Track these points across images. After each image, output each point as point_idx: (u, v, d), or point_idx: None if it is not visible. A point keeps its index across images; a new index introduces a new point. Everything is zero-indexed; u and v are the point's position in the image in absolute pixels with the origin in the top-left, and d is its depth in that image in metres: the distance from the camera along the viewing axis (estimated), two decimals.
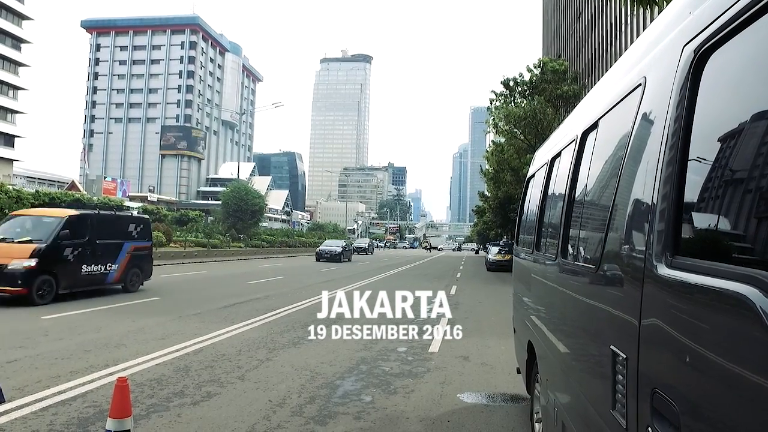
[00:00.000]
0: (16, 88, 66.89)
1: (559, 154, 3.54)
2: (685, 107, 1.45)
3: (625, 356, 1.67)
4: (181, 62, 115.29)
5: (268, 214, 68.09)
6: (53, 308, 10.30)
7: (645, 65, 1.92)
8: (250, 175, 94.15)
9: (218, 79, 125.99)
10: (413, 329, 9.65)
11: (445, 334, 9.22)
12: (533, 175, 4.99)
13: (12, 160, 66.54)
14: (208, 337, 7.98)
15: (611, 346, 1.79)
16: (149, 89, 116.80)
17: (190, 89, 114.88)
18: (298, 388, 5.54)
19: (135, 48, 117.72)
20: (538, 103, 28.93)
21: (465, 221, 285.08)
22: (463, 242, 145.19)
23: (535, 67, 30.30)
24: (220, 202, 45.39)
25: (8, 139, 65.41)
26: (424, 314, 11.82)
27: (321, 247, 39.17)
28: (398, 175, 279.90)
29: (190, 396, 5.13)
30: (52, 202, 38.28)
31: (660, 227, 1.48)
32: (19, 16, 66.54)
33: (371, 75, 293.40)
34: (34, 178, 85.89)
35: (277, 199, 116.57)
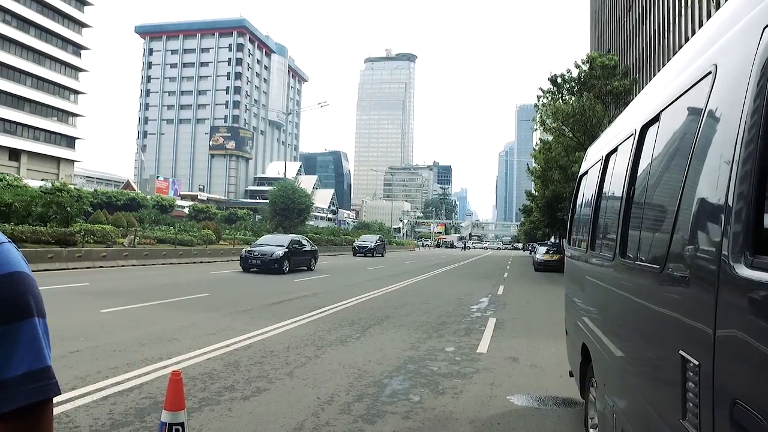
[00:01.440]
0: (76, 92, 69.92)
1: (615, 150, 3.42)
2: (765, 98, 1.34)
3: (697, 363, 1.57)
4: (229, 64, 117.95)
5: (315, 213, 68.97)
6: (109, 302, 10.68)
7: (715, 52, 1.80)
8: (297, 174, 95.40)
9: (265, 80, 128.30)
10: (461, 329, 9.58)
11: (493, 334, 9.11)
12: (586, 173, 4.84)
13: (73, 161, 69.60)
14: (257, 333, 8.12)
15: (680, 352, 1.70)
16: (199, 91, 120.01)
17: (237, 90, 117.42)
18: (346, 386, 5.56)
19: (185, 51, 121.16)
20: (586, 99, 28.19)
21: (512, 220, 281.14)
22: (510, 242, 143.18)
23: (583, 63, 29.54)
24: (267, 201, 46.18)
25: (69, 141, 68.46)
26: (471, 314, 11.72)
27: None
28: (443, 174, 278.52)
29: (240, 391, 5.21)
30: (109, 201, 39.95)
31: (737, 225, 1.39)
32: (79, 24, 69.53)
33: (415, 73, 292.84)
34: (93, 177, 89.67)
35: (323, 198, 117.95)
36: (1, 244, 0.83)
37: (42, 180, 43.44)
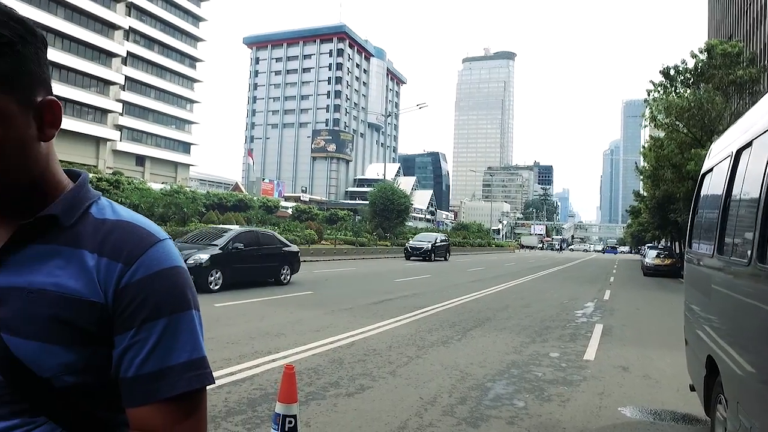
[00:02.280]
0: (192, 101, 75.21)
1: (749, 144, 3.12)
2: None
3: None
4: (330, 69, 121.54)
5: (413, 214, 69.33)
6: (224, 297, 11.34)
7: None
8: (396, 175, 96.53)
9: (364, 83, 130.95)
10: (565, 334, 9.21)
11: (600, 341, 8.68)
12: (710, 170, 4.47)
13: (188, 165, 74.94)
14: (359, 331, 8.28)
15: None
16: (301, 96, 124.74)
17: (338, 94, 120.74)
18: (449, 388, 5.52)
19: (288, 59, 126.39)
20: (704, 91, 26.09)
21: (617, 222, 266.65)
22: (616, 244, 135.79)
23: (700, 52, 27.32)
24: (366, 202, 47.06)
25: (185, 147, 73.79)
26: (576, 319, 11.24)
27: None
28: (544, 174, 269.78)
29: (344, 387, 5.34)
30: (220, 202, 42.57)
31: None
32: (195, 39, 74.77)
33: (515, 72, 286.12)
34: (205, 180, 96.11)
35: (421, 199, 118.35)
36: (164, 240, 0.88)
37: (162, 183, 47.10)
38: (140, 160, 65.36)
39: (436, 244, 33.32)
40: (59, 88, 53.26)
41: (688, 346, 4.69)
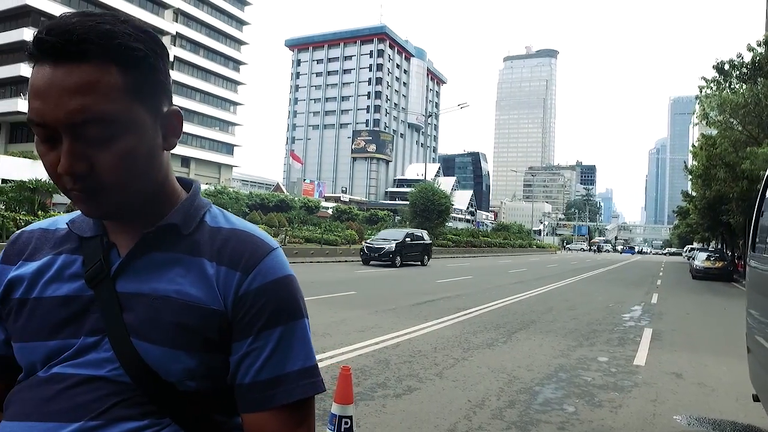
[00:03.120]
0: (235, 103, 76.76)
1: None
2: None
3: None
4: (370, 70, 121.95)
5: (453, 214, 68.95)
6: None
7: None
8: (436, 175, 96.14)
9: (404, 83, 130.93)
10: (613, 338, 9.01)
11: (650, 346, 8.45)
12: None
13: (231, 166, 76.49)
14: (404, 332, 8.29)
15: None
16: (342, 97, 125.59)
17: (378, 95, 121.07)
18: (497, 391, 5.48)
19: (329, 60, 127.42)
20: (762, 86, 24.99)
21: (663, 223, 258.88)
22: (661, 246, 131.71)
23: (759, 45, 26.18)
24: (406, 202, 47.03)
25: (229, 148, 75.36)
26: (623, 323, 10.97)
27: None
28: (587, 174, 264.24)
29: (392, 388, 5.36)
30: (262, 202, 43.31)
31: None
32: (238, 43, 76.28)
33: (557, 70, 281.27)
34: (247, 181, 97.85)
35: (461, 199, 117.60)
36: (276, 249, 0.91)
37: (206, 184, 48.24)
38: (185, 161, 67.09)
39: (406, 243, 25.42)
40: None
41: (750, 353, 4.52)
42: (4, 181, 26.24)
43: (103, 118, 0.74)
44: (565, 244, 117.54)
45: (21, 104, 47.94)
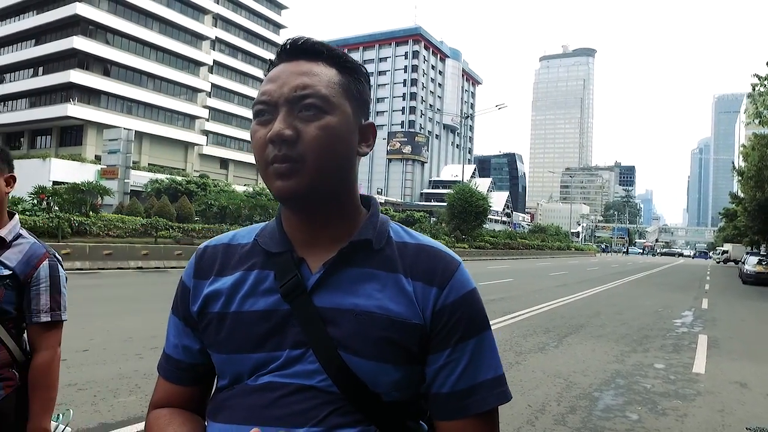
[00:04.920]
0: None
1: None
2: None
3: None
4: (405, 71, 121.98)
5: (490, 216, 68.42)
6: None
7: None
8: (471, 176, 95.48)
9: (439, 84, 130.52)
10: (667, 344, 8.80)
11: (708, 353, 8.21)
12: None
13: None
14: None
15: None
16: (377, 99, 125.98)
17: (413, 96, 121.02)
18: (556, 396, 5.41)
19: (364, 62, 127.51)
20: None
21: (706, 225, 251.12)
22: (705, 249, 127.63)
23: None
24: (442, 204, 46.87)
25: None
26: (675, 328, 10.70)
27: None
28: (626, 175, 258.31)
29: None
30: None
31: None
32: (275, 46, 77.12)
33: (594, 69, 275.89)
34: None
35: (497, 201, 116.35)
36: (461, 263, 0.95)
37: (244, 185, 49.00)
38: (224, 163, 68.32)
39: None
40: (154, 97, 56.73)
41: None
42: (55, 183, 27.24)
43: (318, 95, 0.85)
44: (604, 247, 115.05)
45: (71, 109, 49.66)
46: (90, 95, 51.96)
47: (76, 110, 50.00)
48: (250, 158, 71.96)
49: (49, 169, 37.35)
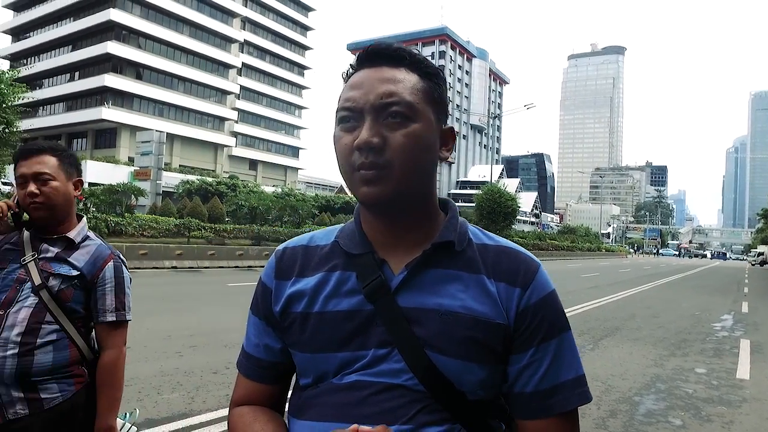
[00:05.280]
0: (300, 107, 78.41)
1: None
2: None
3: None
4: None
5: (518, 216, 67.83)
6: None
7: None
8: (499, 177, 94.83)
9: (466, 84, 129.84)
10: (707, 348, 8.60)
11: (751, 359, 7.99)
12: None
13: (297, 169, 78.17)
14: None
15: None
16: None
17: None
18: (595, 400, 5.33)
19: None
20: None
21: (743, 226, 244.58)
22: (742, 252, 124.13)
23: None
24: (470, 204, 46.58)
25: (294, 151, 77.05)
26: (715, 332, 10.45)
27: None
28: (658, 175, 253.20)
29: None
30: (327, 204, 44.03)
31: None
32: (303, 48, 77.93)
33: (624, 67, 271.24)
34: (311, 183, 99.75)
35: (525, 201, 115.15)
36: (540, 265, 0.96)
37: (273, 186, 49.47)
38: (253, 164, 69.09)
39: None
40: (185, 100, 57.73)
41: None
42: (91, 184, 27.90)
43: (404, 103, 0.86)
44: (636, 248, 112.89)
45: (105, 112, 50.89)
46: (123, 98, 53.15)
47: (110, 113, 51.21)
48: (279, 159, 72.77)
49: (85, 171, 38.27)
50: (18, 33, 62.47)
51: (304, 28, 78.36)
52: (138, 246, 16.93)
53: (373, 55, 0.91)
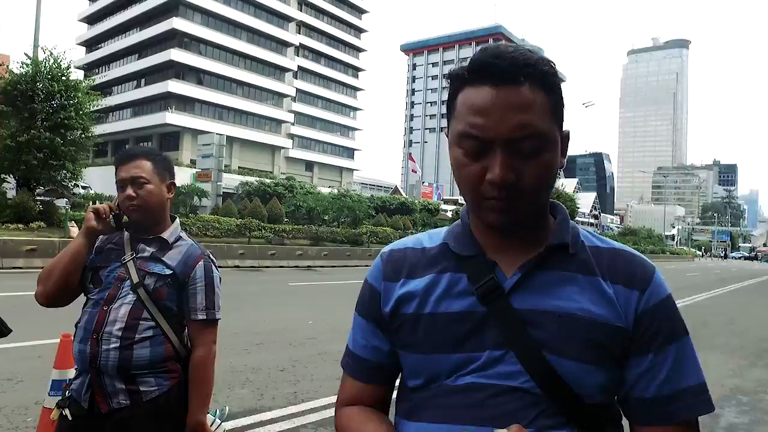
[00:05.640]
0: (355, 109, 79.17)
1: None
2: None
3: None
4: None
5: (577, 218, 66.02)
6: None
7: None
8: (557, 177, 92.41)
9: None
10: None
11: None
12: None
13: (352, 170, 78.95)
14: None
15: None
16: None
17: None
18: None
19: (444, 63, 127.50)
20: None
21: None
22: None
23: None
24: None
25: (349, 153, 77.86)
26: None
27: None
28: (726, 174, 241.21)
29: None
30: (383, 205, 44.22)
31: None
32: (357, 50, 78.71)
33: (689, 61, 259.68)
34: (366, 184, 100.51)
35: (584, 202, 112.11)
36: (656, 268, 0.93)
37: (329, 187, 50.09)
38: (309, 165, 70.25)
39: None
40: (243, 103, 59.36)
41: None
42: None
43: (538, 133, 0.83)
44: (704, 251, 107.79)
45: (168, 117, 53.02)
46: (185, 103, 55.21)
47: (173, 118, 53.29)
48: (334, 161, 73.69)
49: None
50: (91, 44, 65.99)
51: (358, 30, 79.09)
52: (202, 245, 17.48)
53: (501, 73, 0.83)
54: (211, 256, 2.06)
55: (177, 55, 53.86)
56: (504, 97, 0.83)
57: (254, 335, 7.09)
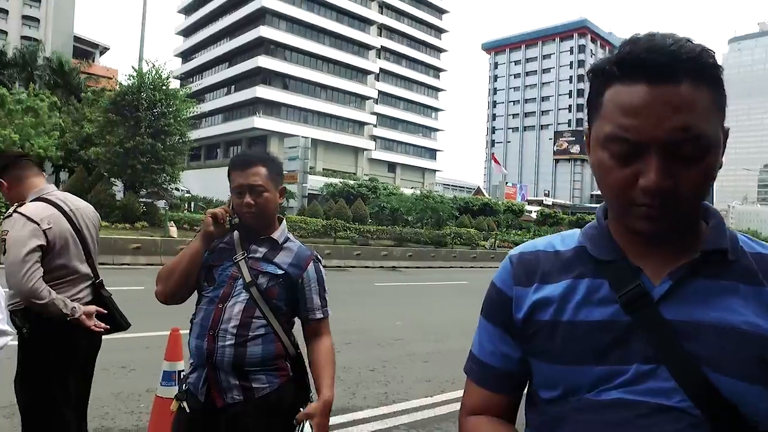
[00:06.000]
0: (437, 110, 78.97)
1: None
2: None
3: None
4: (571, 67, 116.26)
5: None
6: None
7: None
8: None
9: None
10: None
11: None
12: None
13: (434, 171, 78.80)
14: None
15: None
16: (542, 97, 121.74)
17: (580, 93, 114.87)
18: None
19: (527, 60, 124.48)
20: None
21: None
22: None
23: None
24: None
25: (431, 153, 77.76)
26: None
27: None
28: None
29: None
30: (466, 206, 43.77)
31: None
32: (438, 50, 78.48)
33: None
34: (449, 185, 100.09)
35: None
36: None
37: (411, 188, 50.19)
38: (391, 167, 70.80)
39: None
40: (327, 106, 60.83)
41: None
42: None
43: (700, 136, 0.74)
44: None
45: (257, 121, 55.28)
46: (272, 108, 57.37)
47: (261, 122, 55.51)
48: (416, 162, 73.85)
49: None
50: (186, 55, 70.21)
51: (439, 31, 78.83)
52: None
53: (657, 67, 0.75)
54: (318, 256, 2.09)
55: (264, 61, 56.06)
56: (662, 96, 0.74)
57: (343, 334, 7.19)
